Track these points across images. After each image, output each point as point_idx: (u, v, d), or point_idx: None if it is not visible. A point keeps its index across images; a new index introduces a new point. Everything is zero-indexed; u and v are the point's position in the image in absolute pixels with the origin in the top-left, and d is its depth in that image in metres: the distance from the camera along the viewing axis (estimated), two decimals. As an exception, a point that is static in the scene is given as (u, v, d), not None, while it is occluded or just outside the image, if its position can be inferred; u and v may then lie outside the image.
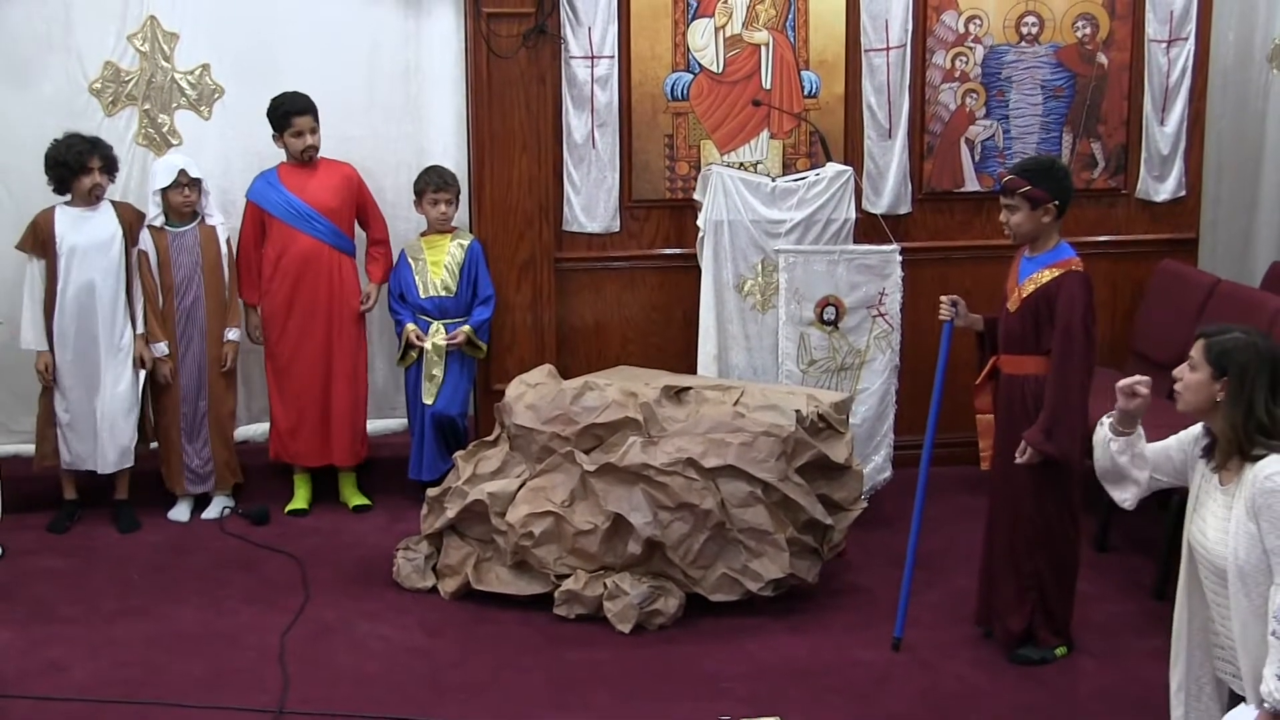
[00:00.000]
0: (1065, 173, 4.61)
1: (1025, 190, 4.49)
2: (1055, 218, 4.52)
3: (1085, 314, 4.44)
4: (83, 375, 5.79)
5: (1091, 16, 6.55)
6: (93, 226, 5.76)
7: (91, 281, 5.73)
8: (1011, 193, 4.52)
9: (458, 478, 5.27)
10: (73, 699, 4.37)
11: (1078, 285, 4.46)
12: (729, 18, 6.36)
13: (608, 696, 4.42)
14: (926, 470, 4.82)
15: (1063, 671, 4.58)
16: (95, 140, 5.75)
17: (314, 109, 5.96)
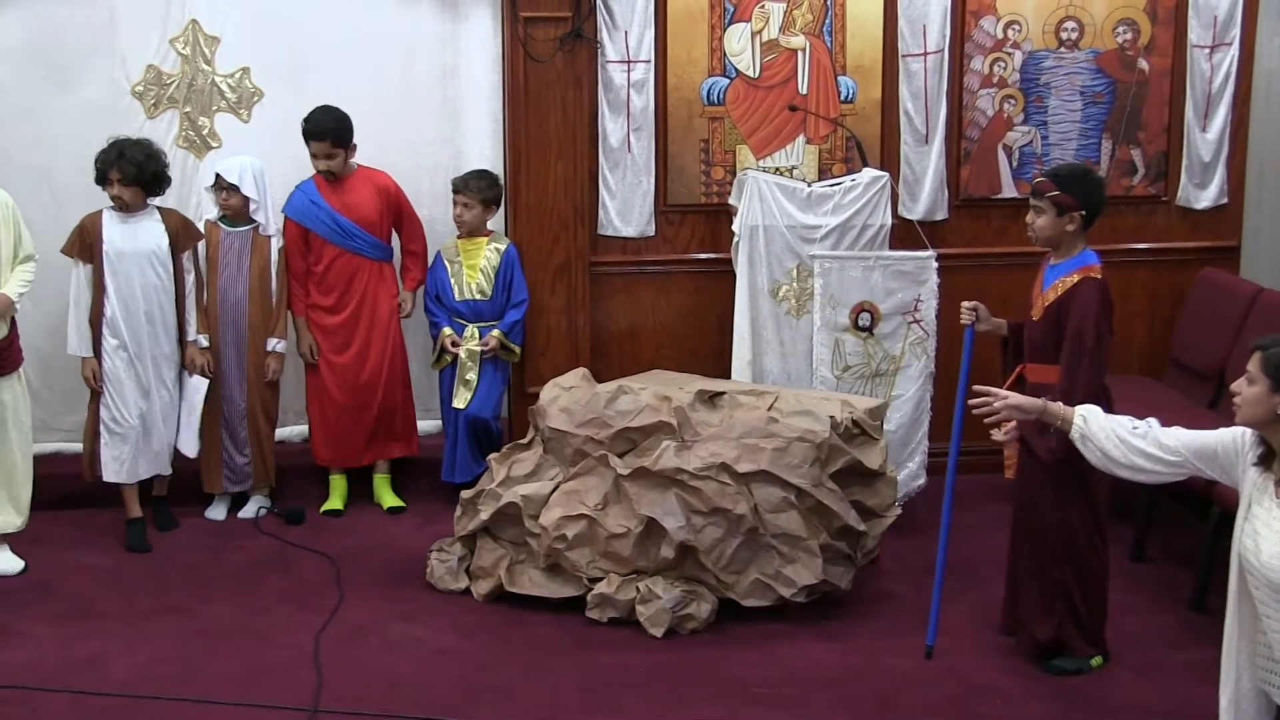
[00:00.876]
0: (1099, 184, 4.56)
1: (1053, 195, 4.46)
2: (1080, 227, 4.49)
3: (1097, 321, 4.40)
4: (133, 383, 5.75)
5: (1133, 22, 6.51)
6: (139, 232, 5.72)
7: (137, 288, 5.70)
8: (1040, 195, 4.50)
9: (491, 480, 5.29)
10: (110, 694, 4.41)
11: (1092, 291, 4.43)
12: (766, 22, 6.35)
13: (639, 700, 4.42)
14: (953, 477, 4.79)
15: (1097, 683, 4.54)
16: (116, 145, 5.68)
17: (330, 134, 5.94)
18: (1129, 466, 3.62)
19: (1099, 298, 4.43)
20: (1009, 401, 3.89)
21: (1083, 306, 4.42)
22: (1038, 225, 4.52)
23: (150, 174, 5.68)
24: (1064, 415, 3.78)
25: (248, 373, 6.02)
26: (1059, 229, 4.48)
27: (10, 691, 4.43)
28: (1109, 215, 6.59)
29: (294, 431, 6.56)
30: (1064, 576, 4.56)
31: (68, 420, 6.25)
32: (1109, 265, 6.60)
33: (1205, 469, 3.53)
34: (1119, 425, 3.65)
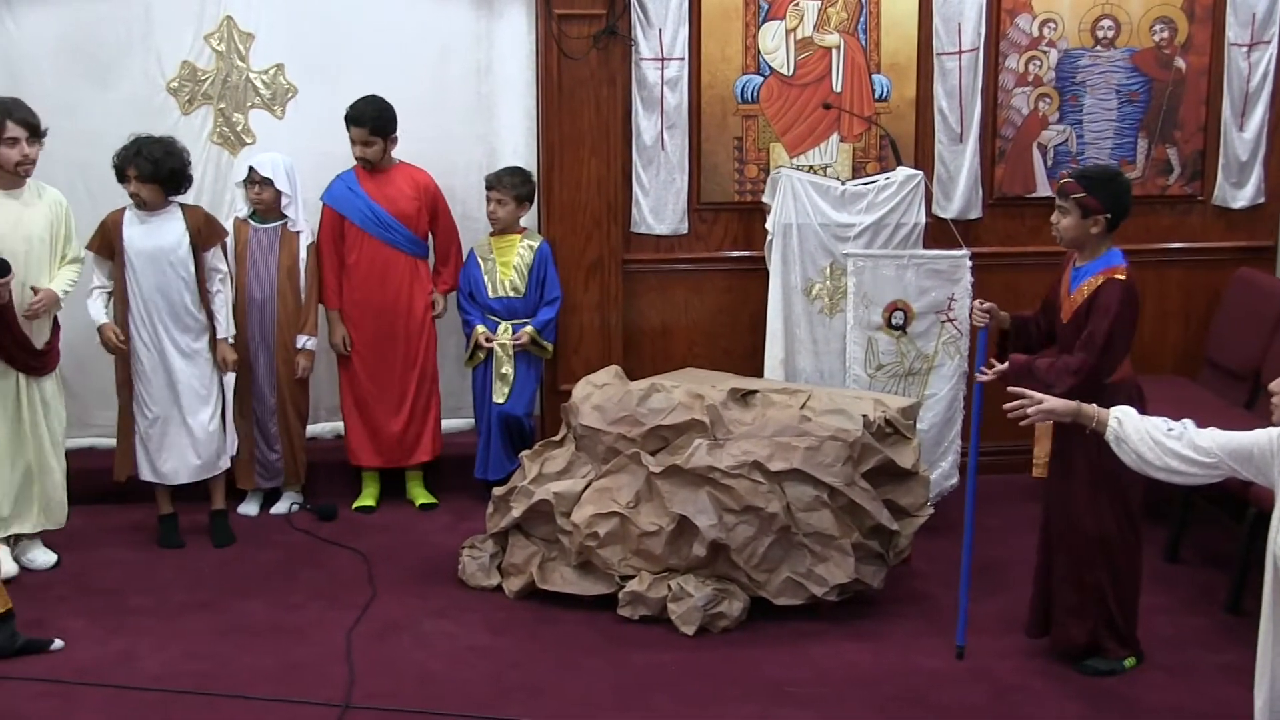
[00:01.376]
0: (1126, 187, 4.52)
1: (1079, 196, 4.43)
2: (1105, 230, 4.45)
3: (1114, 322, 4.37)
4: (160, 383, 5.67)
5: (1170, 20, 6.46)
6: (159, 231, 5.64)
7: (158, 286, 5.60)
8: (1066, 195, 4.48)
9: (524, 477, 5.29)
10: (145, 689, 4.44)
11: (1115, 292, 4.40)
12: (800, 20, 6.34)
13: (670, 699, 4.42)
14: (974, 478, 4.78)
15: (1130, 684, 4.52)
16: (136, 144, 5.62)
17: (369, 121, 5.93)
18: (1164, 469, 3.59)
19: (1120, 299, 4.40)
20: (1043, 406, 3.87)
21: (1104, 306, 4.40)
22: (1062, 226, 4.50)
23: (168, 171, 5.55)
24: (1099, 417, 3.76)
25: (277, 369, 6.03)
26: (1083, 231, 4.45)
27: (46, 685, 4.46)
28: (1145, 215, 6.60)
29: (326, 428, 6.59)
30: (1099, 578, 4.54)
31: (102, 416, 6.29)
32: (1145, 264, 6.62)
33: (1241, 470, 3.49)
34: (1154, 427, 3.63)
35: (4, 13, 6.15)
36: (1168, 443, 3.57)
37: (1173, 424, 3.59)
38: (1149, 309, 6.65)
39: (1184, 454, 3.54)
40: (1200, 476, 3.59)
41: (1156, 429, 3.61)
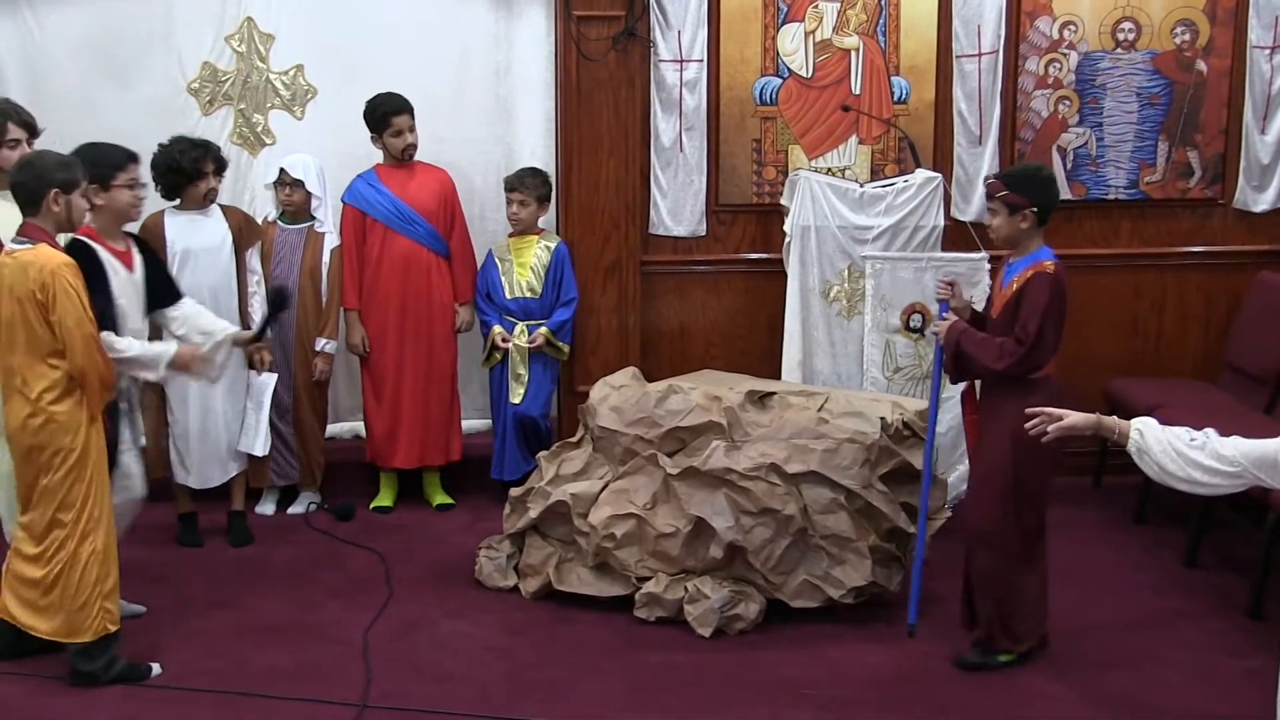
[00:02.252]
0: (1048, 180, 4.64)
1: (1003, 195, 4.51)
2: (1034, 224, 4.52)
3: (1043, 314, 4.40)
4: (195, 387, 5.57)
5: (1191, 22, 6.44)
6: (204, 231, 5.65)
7: (202, 286, 5.55)
8: (992, 196, 4.58)
9: (540, 478, 5.30)
10: (164, 687, 4.45)
11: (1042, 284, 4.44)
12: (819, 22, 6.33)
13: (685, 700, 4.42)
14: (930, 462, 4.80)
15: (1150, 689, 4.50)
16: (205, 143, 5.66)
17: (411, 108, 6.00)
18: (1186, 480, 3.56)
19: (1049, 289, 4.43)
20: (1063, 424, 3.84)
21: (1033, 298, 4.44)
22: (994, 226, 4.59)
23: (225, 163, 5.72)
24: (1120, 429, 3.75)
25: (294, 371, 6.04)
26: (1014, 228, 4.53)
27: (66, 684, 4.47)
28: (1165, 218, 6.59)
29: (345, 428, 6.61)
30: (982, 569, 4.57)
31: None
32: (1165, 268, 6.63)
33: (1266, 478, 3.46)
34: (1175, 438, 3.60)
35: (26, 13, 6.19)
36: (1190, 453, 3.54)
37: (1195, 434, 3.57)
38: (1169, 312, 6.65)
39: (1207, 464, 3.51)
40: (1224, 486, 3.55)
41: (1179, 439, 3.58)
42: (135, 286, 4.84)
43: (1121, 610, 5.14)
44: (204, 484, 5.77)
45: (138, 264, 4.87)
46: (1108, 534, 5.97)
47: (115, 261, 4.74)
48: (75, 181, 4.41)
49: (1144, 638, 4.88)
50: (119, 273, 4.75)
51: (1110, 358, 6.63)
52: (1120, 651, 4.77)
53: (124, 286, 4.77)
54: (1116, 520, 6.13)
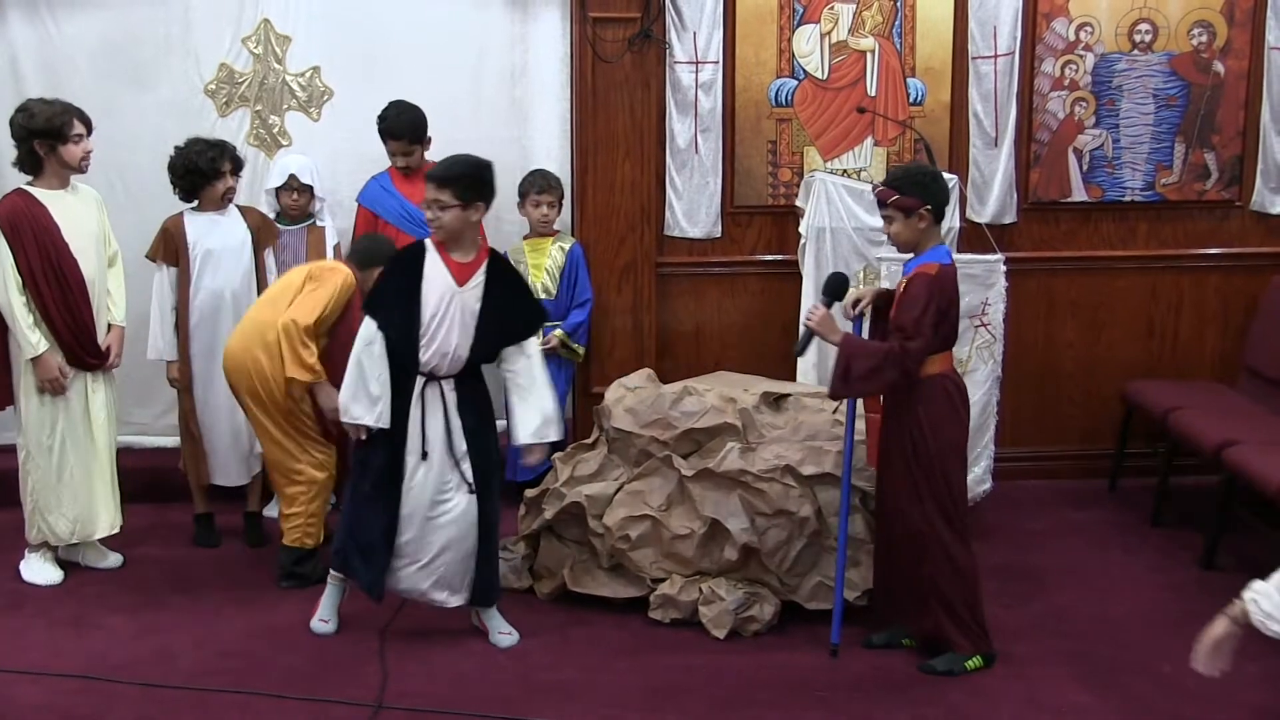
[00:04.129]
0: (934, 177, 4.60)
1: (895, 200, 4.49)
2: (932, 223, 4.51)
3: (922, 313, 4.38)
4: (216, 383, 5.59)
5: (1208, 24, 6.42)
6: (224, 231, 5.66)
7: (222, 287, 5.61)
8: (884, 205, 4.55)
9: (556, 479, 5.30)
10: (181, 687, 4.47)
11: (919, 284, 4.43)
12: (835, 24, 6.33)
13: (701, 702, 4.42)
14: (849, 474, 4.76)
15: (1167, 692, 4.48)
16: (221, 143, 5.68)
17: (407, 133, 5.97)
18: None
19: (925, 291, 4.41)
20: (1212, 640, 3.63)
21: (910, 298, 4.44)
22: (893, 232, 4.57)
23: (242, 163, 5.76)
24: (1241, 608, 3.58)
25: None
26: (913, 230, 4.52)
27: (83, 682, 4.50)
28: (1182, 219, 6.58)
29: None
30: (931, 572, 4.55)
31: (139, 414, 6.36)
32: (1182, 270, 6.62)
33: None
34: None
35: (44, 15, 6.22)
36: None
37: None
38: (1186, 315, 6.64)
39: None
40: None
41: None
42: None
43: (1138, 612, 5.12)
44: (229, 482, 5.79)
45: None
46: (1124, 536, 5.95)
47: None
48: None
49: (1160, 640, 4.86)
50: None
51: (1127, 360, 6.62)
52: (1136, 654, 4.75)
53: None
54: (1133, 523, 6.11)
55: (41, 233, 5.19)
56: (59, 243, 5.22)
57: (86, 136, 5.29)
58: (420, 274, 4.62)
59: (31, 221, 5.19)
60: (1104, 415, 6.61)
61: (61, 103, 5.29)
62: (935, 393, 4.49)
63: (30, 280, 5.19)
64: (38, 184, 5.28)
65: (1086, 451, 6.68)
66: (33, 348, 5.20)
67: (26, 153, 5.25)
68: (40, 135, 5.19)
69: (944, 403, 4.51)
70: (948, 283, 4.50)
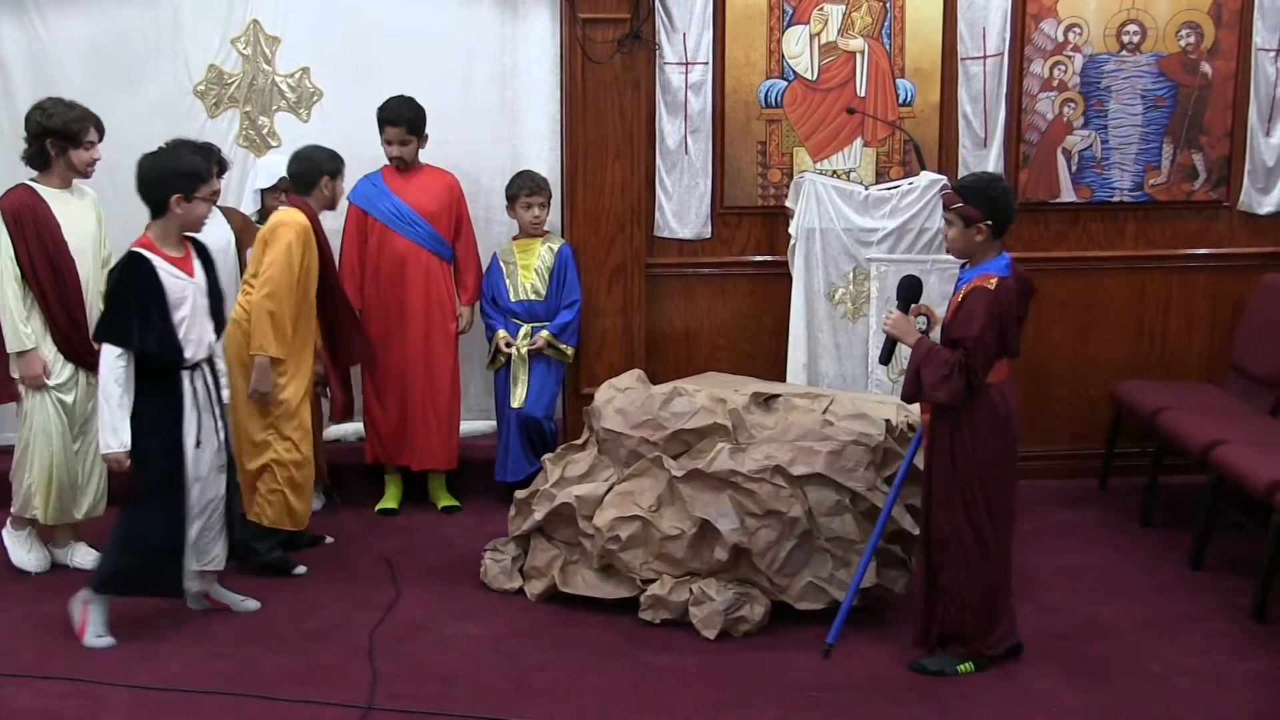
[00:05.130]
0: (1004, 192, 4.53)
1: (959, 207, 4.47)
2: (989, 237, 4.47)
3: (983, 330, 4.35)
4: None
5: (1196, 25, 6.44)
6: (209, 233, 5.50)
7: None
8: (947, 208, 4.54)
9: (546, 480, 5.30)
10: (170, 689, 4.46)
11: (978, 298, 4.40)
12: (824, 25, 6.34)
13: (691, 702, 4.42)
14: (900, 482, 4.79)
15: (1157, 691, 4.50)
16: (207, 145, 5.59)
17: (406, 121, 5.99)
18: None
19: (984, 305, 4.38)
20: None
21: (968, 312, 4.41)
22: (950, 237, 4.55)
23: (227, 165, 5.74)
24: None
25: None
26: (968, 240, 4.49)
27: (72, 684, 4.49)
28: (1170, 220, 6.60)
29: (349, 429, 6.61)
30: (947, 578, 4.54)
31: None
32: (1170, 270, 6.64)
33: None
34: None
35: (33, 16, 6.21)
36: None
37: None
38: (1174, 315, 6.66)
39: None
40: None
41: None
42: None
43: (1127, 612, 5.13)
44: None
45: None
46: (1113, 536, 5.96)
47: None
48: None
49: (1149, 640, 4.88)
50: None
51: (1116, 360, 6.64)
52: (1126, 654, 4.76)
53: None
54: (1122, 522, 6.13)
55: (43, 228, 5.27)
56: (59, 240, 5.29)
57: (98, 144, 5.36)
58: (158, 282, 4.72)
59: (34, 216, 5.26)
60: (1093, 415, 6.62)
61: (81, 107, 5.35)
62: (981, 402, 4.43)
63: (31, 274, 5.26)
64: (42, 181, 5.36)
65: (1075, 451, 6.69)
66: (20, 342, 5.25)
67: (38, 149, 5.31)
68: (55, 135, 5.27)
69: (989, 413, 4.45)
70: (1007, 295, 4.43)
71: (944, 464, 4.51)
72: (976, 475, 4.48)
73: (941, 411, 4.51)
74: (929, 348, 4.46)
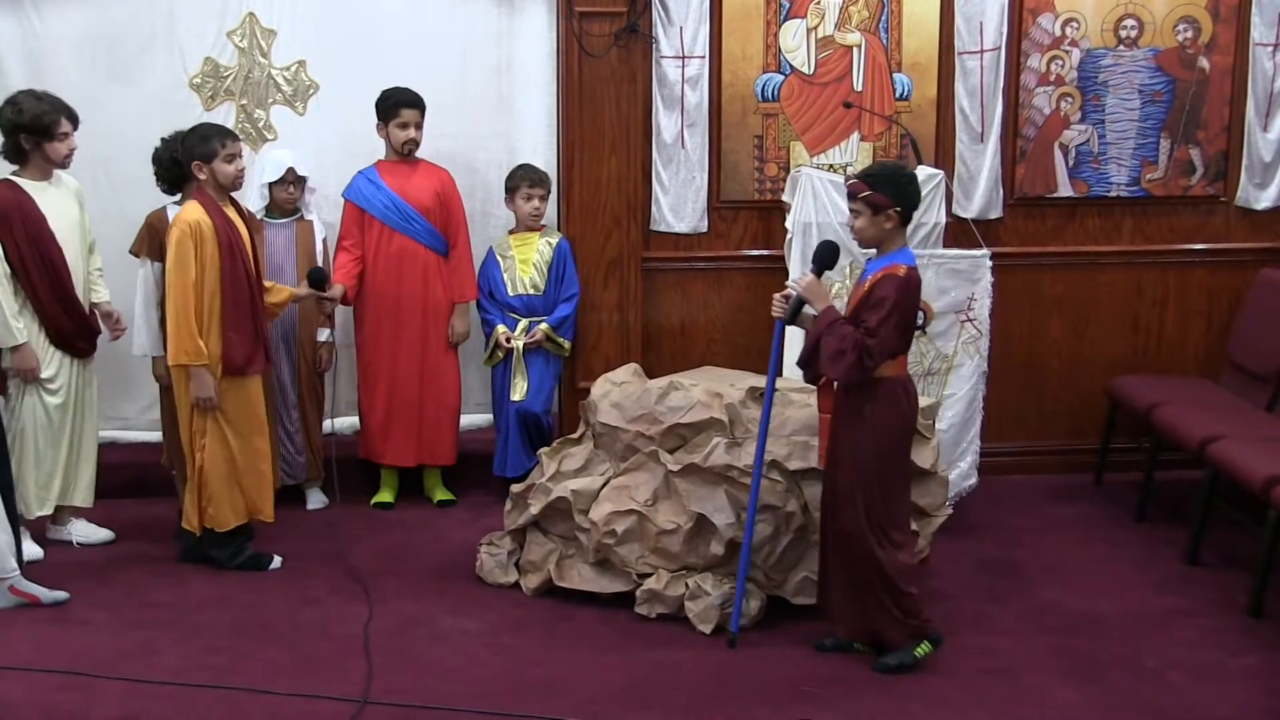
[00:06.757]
0: (910, 179, 4.53)
1: (866, 195, 4.45)
2: (898, 224, 4.47)
3: (889, 313, 4.33)
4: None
5: (1194, 20, 6.43)
6: None
7: None
8: (854, 197, 4.51)
9: (542, 474, 5.30)
10: (165, 682, 4.46)
11: (886, 286, 4.38)
12: (821, 19, 6.33)
13: (687, 697, 4.42)
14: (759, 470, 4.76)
15: (1153, 686, 4.50)
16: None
17: (422, 105, 6.00)
18: None
19: (896, 291, 4.36)
20: None
21: (879, 299, 4.38)
22: (857, 227, 4.52)
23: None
24: None
25: (298, 364, 6.04)
26: (878, 228, 4.47)
27: (67, 678, 4.48)
28: (1167, 215, 6.60)
29: (345, 423, 6.60)
30: (867, 574, 4.53)
31: (124, 409, 6.38)
32: (1168, 265, 6.64)
33: None
34: None
35: (29, 8, 6.19)
36: None
37: None
38: (1171, 310, 6.66)
39: None
40: None
41: None
42: None
43: (1122, 608, 5.13)
44: None
45: None
46: (1109, 531, 5.97)
47: None
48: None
49: (1144, 635, 4.88)
50: None
51: (1112, 355, 6.64)
52: (1120, 649, 4.77)
53: None
54: (1118, 517, 6.13)
55: (30, 223, 5.30)
56: (46, 231, 5.33)
57: (73, 133, 5.38)
58: None
59: (20, 211, 5.28)
60: (1089, 410, 6.62)
61: (50, 99, 5.36)
62: (884, 396, 4.44)
63: (21, 269, 5.28)
64: (22, 175, 5.40)
65: (1071, 446, 6.70)
66: (14, 337, 5.27)
67: (12, 145, 5.35)
68: (27, 131, 5.30)
69: (891, 407, 4.46)
70: (915, 286, 4.46)
71: (848, 458, 4.49)
72: (875, 469, 4.46)
73: (847, 407, 4.49)
74: (835, 318, 4.43)
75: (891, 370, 4.47)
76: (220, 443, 5.30)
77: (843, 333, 4.39)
